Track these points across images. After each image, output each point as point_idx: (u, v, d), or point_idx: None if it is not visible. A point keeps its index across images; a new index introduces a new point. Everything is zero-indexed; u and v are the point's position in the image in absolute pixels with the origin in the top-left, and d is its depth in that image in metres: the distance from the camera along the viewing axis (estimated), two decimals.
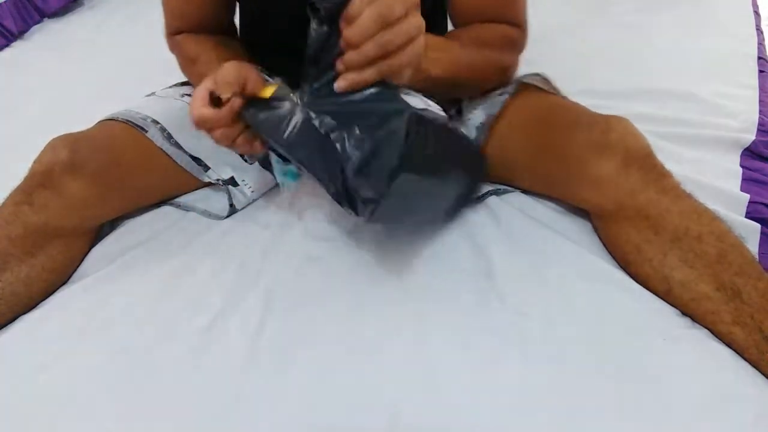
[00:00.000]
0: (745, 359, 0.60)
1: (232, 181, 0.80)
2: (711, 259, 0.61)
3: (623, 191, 0.65)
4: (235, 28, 0.88)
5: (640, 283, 0.67)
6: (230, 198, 0.80)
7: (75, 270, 0.74)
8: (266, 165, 0.78)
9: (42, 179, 0.68)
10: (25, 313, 0.69)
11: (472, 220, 0.75)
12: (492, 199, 0.78)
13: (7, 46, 1.40)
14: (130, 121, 0.76)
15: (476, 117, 0.76)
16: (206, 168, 0.80)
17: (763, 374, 0.59)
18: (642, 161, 0.65)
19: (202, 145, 0.79)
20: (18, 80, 1.26)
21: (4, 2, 1.41)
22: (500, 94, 0.75)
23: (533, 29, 0.81)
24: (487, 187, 0.79)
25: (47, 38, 1.43)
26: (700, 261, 0.62)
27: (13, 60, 1.35)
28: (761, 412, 0.55)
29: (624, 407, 0.56)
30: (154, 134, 0.76)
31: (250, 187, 0.81)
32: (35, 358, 0.63)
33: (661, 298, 0.65)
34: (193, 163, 0.79)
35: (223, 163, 0.80)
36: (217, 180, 0.80)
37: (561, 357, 0.60)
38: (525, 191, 0.79)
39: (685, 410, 0.56)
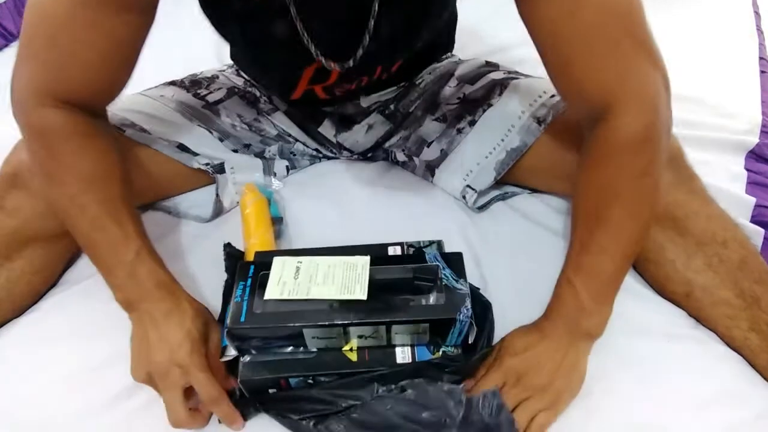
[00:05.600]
0: (752, 365, 0.60)
1: (221, 168, 0.77)
2: (734, 265, 0.61)
3: None
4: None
5: (657, 283, 0.66)
6: (217, 189, 0.77)
7: (62, 271, 0.72)
8: None
9: (12, 181, 0.64)
10: (10, 317, 0.67)
11: (473, 221, 0.76)
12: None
13: (7, 46, 1.39)
14: None
15: (510, 140, 0.72)
16: (194, 154, 0.76)
17: None
18: (675, 161, 0.64)
19: (185, 137, 0.76)
20: None
21: (4, 2, 1.41)
22: (540, 121, 0.70)
23: None
24: (494, 192, 0.77)
25: None
26: (723, 266, 0.61)
27: (13, 60, 1.34)
28: (761, 412, 0.56)
29: (624, 406, 0.57)
30: (133, 134, 0.72)
31: (235, 182, 0.78)
32: (34, 359, 0.63)
33: (676, 302, 0.65)
34: (180, 151, 0.75)
35: (210, 150, 0.77)
36: (207, 164, 0.76)
37: None
38: (533, 191, 0.78)
39: (685, 410, 0.56)
